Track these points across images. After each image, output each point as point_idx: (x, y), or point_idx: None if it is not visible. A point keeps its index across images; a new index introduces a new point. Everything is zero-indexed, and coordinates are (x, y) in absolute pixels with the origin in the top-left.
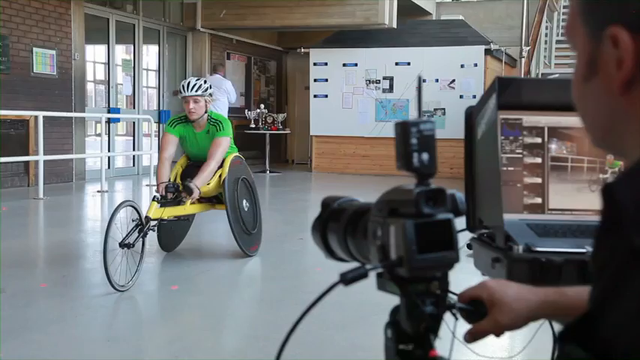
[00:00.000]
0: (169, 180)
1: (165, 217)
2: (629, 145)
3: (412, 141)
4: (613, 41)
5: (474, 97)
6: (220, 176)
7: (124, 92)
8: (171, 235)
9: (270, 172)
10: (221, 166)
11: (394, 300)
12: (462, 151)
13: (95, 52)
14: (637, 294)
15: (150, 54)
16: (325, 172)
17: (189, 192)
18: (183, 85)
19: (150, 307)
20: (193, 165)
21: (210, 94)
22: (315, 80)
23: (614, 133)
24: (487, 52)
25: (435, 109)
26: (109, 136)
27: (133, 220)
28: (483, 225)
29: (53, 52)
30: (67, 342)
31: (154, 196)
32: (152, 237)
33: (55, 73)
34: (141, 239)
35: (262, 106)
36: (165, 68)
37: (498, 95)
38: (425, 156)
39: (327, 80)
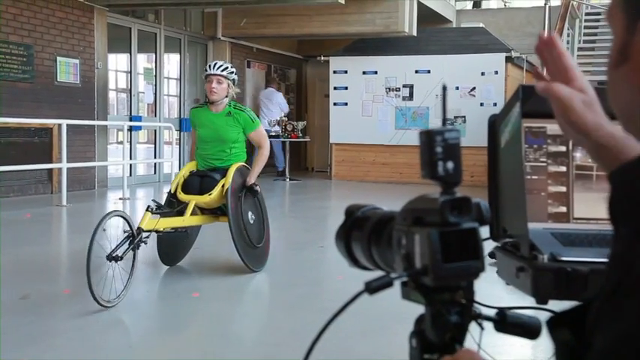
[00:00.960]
0: (169, 191)
1: (161, 229)
2: None
3: (437, 149)
4: None
5: (495, 104)
6: (223, 186)
7: (146, 100)
8: (173, 247)
9: (289, 179)
10: (224, 175)
11: (415, 309)
12: (482, 159)
13: (117, 61)
14: (612, 279)
15: (171, 62)
16: (345, 179)
17: (255, 193)
18: (209, 65)
19: (170, 314)
20: (196, 174)
21: (234, 80)
22: (334, 88)
23: (634, 120)
24: (508, 59)
25: (456, 117)
26: (130, 144)
27: (124, 232)
28: (507, 234)
29: (76, 61)
30: (90, 348)
31: (148, 206)
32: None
33: (78, 82)
34: (131, 251)
35: (282, 113)
36: (186, 76)
37: (522, 103)
38: (450, 164)
39: (346, 88)
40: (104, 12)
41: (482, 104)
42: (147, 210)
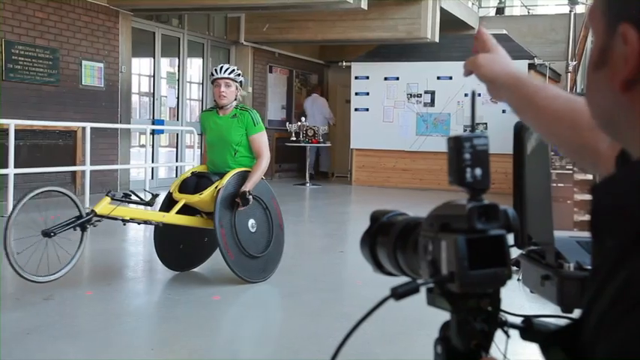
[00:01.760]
0: (169, 191)
1: (123, 217)
2: (627, 140)
3: (465, 156)
4: (623, 38)
5: None
6: (217, 188)
7: (168, 104)
8: (179, 251)
9: (310, 184)
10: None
11: (435, 315)
12: (505, 165)
13: (140, 65)
14: (611, 293)
15: (193, 67)
16: (365, 185)
17: (246, 202)
18: (215, 69)
19: (191, 317)
20: (196, 175)
21: (241, 83)
22: (356, 94)
23: (613, 124)
24: (531, 66)
25: (477, 124)
26: (152, 147)
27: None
28: (532, 242)
29: (101, 64)
30: (113, 349)
31: (109, 191)
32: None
33: (102, 86)
34: (80, 233)
35: (303, 119)
36: (208, 81)
37: None
38: (478, 171)
39: (368, 94)
40: (129, 16)
41: (504, 111)
42: (106, 195)
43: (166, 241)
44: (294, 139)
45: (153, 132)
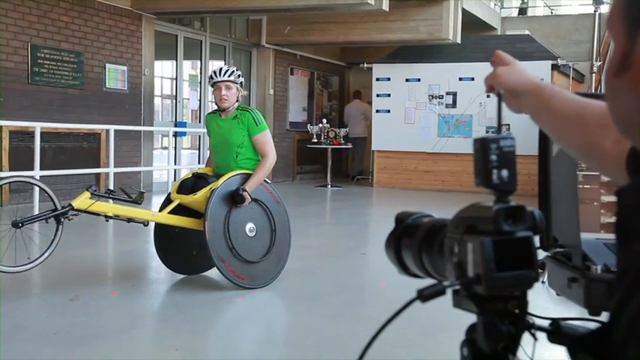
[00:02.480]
0: (169, 192)
1: (105, 213)
2: None
3: (491, 157)
4: None
5: None
6: (211, 188)
7: (190, 106)
8: (179, 253)
9: (331, 186)
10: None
11: (458, 318)
12: (527, 167)
13: (163, 68)
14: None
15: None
16: (387, 187)
17: (242, 200)
18: (214, 72)
19: (215, 317)
20: (195, 176)
21: (242, 83)
22: (377, 95)
23: (634, 130)
24: (554, 67)
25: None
26: (175, 149)
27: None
28: (558, 244)
29: (124, 67)
30: (137, 350)
31: (90, 186)
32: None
33: (125, 89)
34: (55, 225)
35: (324, 120)
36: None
37: None
38: (505, 173)
39: (389, 95)
40: (152, 20)
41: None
42: (86, 189)
43: (166, 242)
44: (316, 140)
45: (175, 134)
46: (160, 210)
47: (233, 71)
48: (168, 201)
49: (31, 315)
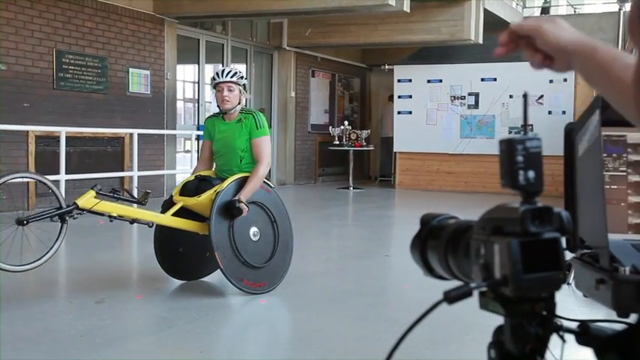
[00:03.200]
0: (171, 195)
1: (109, 213)
2: None
3: (518, 158)
4: None
5: (564, 112)
6: (216, 192)
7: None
8: (182, 258)
9: (353, 188)
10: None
11: (482, 320)
12: (551, 167)
13: (185, 72)
14: None
15: None
16: (409, 188)
17: (239, 212)
18: (217, 73)
19: (239, 320)
20: (198, 178)
21: (244, 86)
22: (399, 97)
23: None
24: None
25: (523, 125)
26: (198, 153)
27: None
28: (585, 245)
29: (147, 72)
30: (162, 352)
31: (95, 185)
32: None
33: (148, 93)
34: (57, 223)
35: (346, 122)
36: (252, 86)
37: (601, 111)
38: (531, 174)
39: (411, 97)
40: (174, 24)
41: (550, 112)
42: (91, 188)
43: (166, 246)
44: (337, 142)
45: (198, 137)
46: (162, 212)
47: (236, 72)
48: (170, 203)
49: (58, 318)
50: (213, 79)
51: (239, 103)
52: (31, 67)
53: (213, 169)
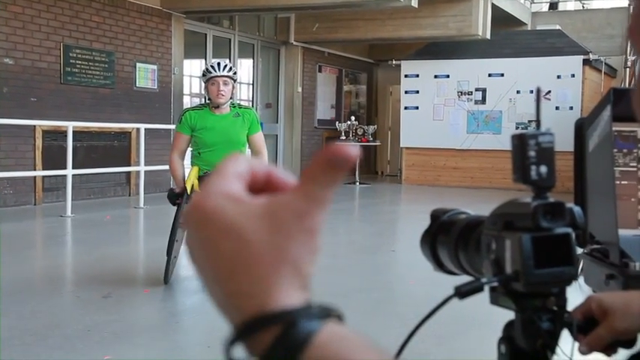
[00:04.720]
0: (176, 192)
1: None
2: None
3: (530, 153)
4: None
5: (571, 108)
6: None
7: None
8: None
9: (359, 183)
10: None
11: (490, 315)
12: (559, 163)
13: (191, 66)
14: None
15: (244, 67)
16: (415, 184)
17: None
18: (212, 66)
19: None
20: (208, 174)
21: (235, 80)
22: (406, 92)
23: None
24: (585, 62)
25: (530, 121)
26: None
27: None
28: (595, 240)
29: (154, 67)
30: (170, 346)
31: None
32: None
33: (155, 87)
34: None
35: (353, 117)
36: (258, 81)
37: (612, 106)
38: (543, 169)
39: (417, 92)
40: (181, 19)
41: (557, 108)
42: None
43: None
44: (344, 137)
45: None
46: (174, 204)
47: (231, 67)
48: (178, 196)
49: (65, 312)
50: (208, 72)
51: (231, 98)
52: (39, 62)
53: (195, 165)
